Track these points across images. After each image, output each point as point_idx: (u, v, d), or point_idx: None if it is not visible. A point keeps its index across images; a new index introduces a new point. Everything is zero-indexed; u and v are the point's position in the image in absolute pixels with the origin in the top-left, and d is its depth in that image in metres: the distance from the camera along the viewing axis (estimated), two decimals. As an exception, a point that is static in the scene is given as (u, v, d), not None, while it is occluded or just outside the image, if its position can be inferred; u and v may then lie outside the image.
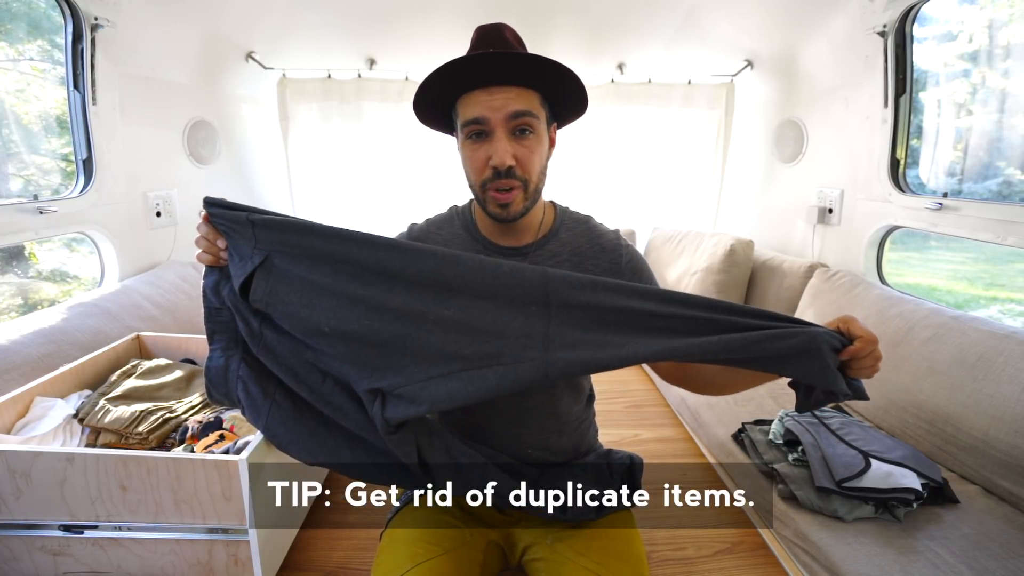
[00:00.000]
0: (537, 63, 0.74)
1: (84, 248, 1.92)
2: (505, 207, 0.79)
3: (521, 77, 0.76)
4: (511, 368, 0.67)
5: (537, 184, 0.80)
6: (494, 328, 0.68)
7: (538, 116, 0.78)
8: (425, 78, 0.77)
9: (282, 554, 1.10)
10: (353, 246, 0.69)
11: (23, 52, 1.73)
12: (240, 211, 0.71)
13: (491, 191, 0.78)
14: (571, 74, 0.77)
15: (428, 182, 2.68)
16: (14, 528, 0.95)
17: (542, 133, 0.79)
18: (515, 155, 0.76)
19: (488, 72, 0.75)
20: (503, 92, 0.75)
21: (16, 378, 1.21)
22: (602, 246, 0.88)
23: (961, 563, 0.97)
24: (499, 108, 0.75)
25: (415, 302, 0.69)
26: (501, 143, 0.75)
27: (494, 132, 0.76)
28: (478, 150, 0.78)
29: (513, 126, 0.76)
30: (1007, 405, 1.18)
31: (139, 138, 1.91)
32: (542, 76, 0.77)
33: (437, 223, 0.92)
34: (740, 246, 2.26)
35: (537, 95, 0.79)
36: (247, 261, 0.70)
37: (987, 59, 1.72)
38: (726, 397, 1.68)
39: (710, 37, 2.33)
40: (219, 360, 0.76)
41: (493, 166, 0.76)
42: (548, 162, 0.84)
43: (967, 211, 1.55)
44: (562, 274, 0.68)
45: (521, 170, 0.77)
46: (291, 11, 2.11)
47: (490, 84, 0.76)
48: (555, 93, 0.80)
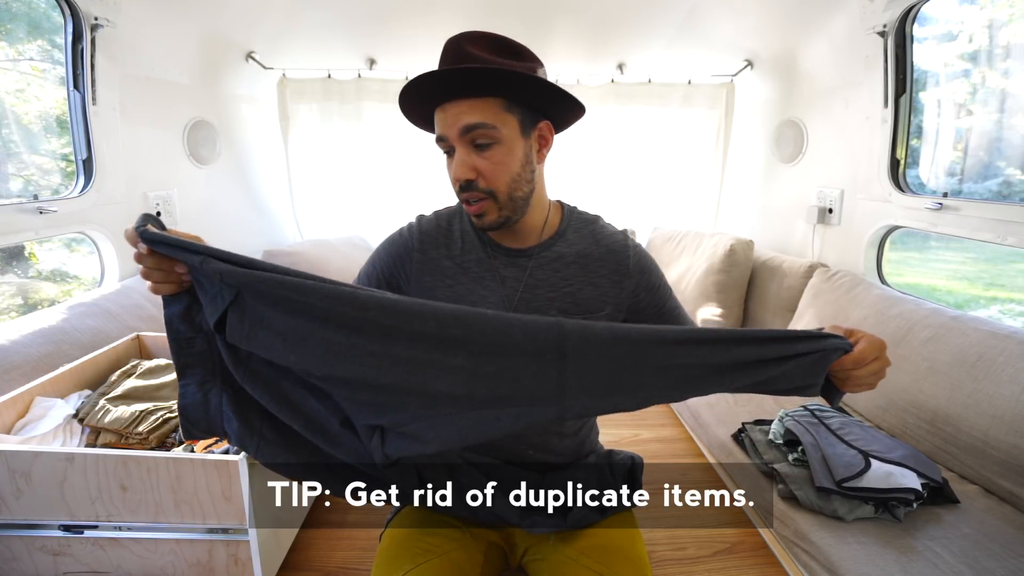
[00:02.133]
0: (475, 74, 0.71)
1: (84, 248, 1.92)
2: (480, 217, 0.79)
3: (473, 88, 0.74)
4: (525, 410, 0.63)
5: (511, 192, 0.78)
6: (507, 375, 0.63)
7: (496, 125, 0.74)
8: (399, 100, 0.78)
9: (282, 554, 1.10)
10: (335, 303, 0.61)
11: (23, 52, 1.73)
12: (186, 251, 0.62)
13: (464, 204, 0.79)
14: (530, 76, 0.73)
15: (428, 182, 2.68)
16: (14, 528, 0.95)
17: (508, 140, 0.76)
18: (476, 167, 0.75)
19: (436, 89, 0.74)
20: (454, 107, 0.74)
21: (16, 378, 1.21)
22: (609, 247, 0.86)
23: (961, 563, 0.97)
24: (452, 124, 0.74)
25: (418, 351, 0.62)
26: (459, 158, 0.75)
27: (455, 147, 0.76)
28: (450, 165, 0.79)
29: (468, 139, 0.75)
30: (1007, 405, 1.18)
31: (139, 138, 1.91)
32: (497, 82, 0.73)
33: (446, 216, 0.91)
34: (740, 246, 2.26)
35: (500, 101, 0.75)
36: (217, 298, 0.62)
37: (987, 59, 1.72)
38: (726, 397, 1.68)
39: (710, 37, 2.33)
40: (195, 396, 0.68)
41: (455, 179, 0.77)
42: (537, 165, 0.81)
43: (967, 211, 1.55)
44: (578, 326, 0.63)
45: (485, 182, 0.76)
46: (291, 11, 2.10)
47: (443, 101, 0.75)
48: (525, 94, 0.76)
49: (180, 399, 0.68)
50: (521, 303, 0.83)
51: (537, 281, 0.84)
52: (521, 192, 0.79)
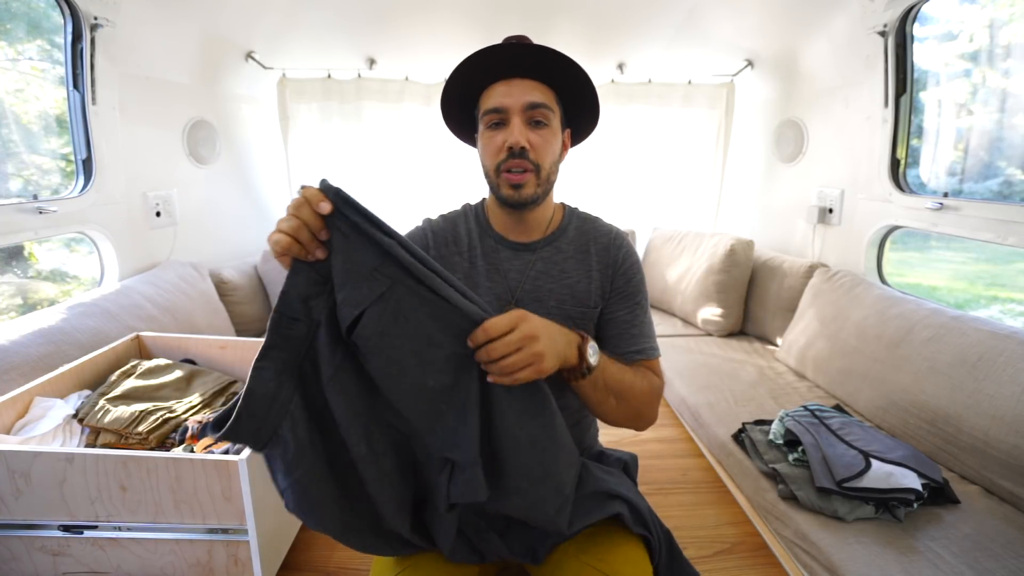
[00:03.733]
0: (557, 59, 0.79)
1: (84, 248, 1.92)
2: (518, 188, 0.82)
3: (540, 72, 0.81)
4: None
5: (549, 173, 0.84)
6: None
7: (553, 110, 0.82)
8: (453, 70, 0.83)
9: (282, 554, 1.10)
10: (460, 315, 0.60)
11: (23, 52, 1.73)
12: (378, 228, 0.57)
13: (504, 172, 0.82)
14: (586, 76, 0.81)
15: (428, 182, 2.68)
16: (14, 528, 0.95)
17: (556, 128, 0.84)
18: (530, 141, 0.80)
19: (509, 64, 0.80)
20: (521, 83, 0.81)
21: (16, 378, 1.21)
22: (605, 245, 0.92)
23: (962, 563, 0.97)
24: (517, 97, 0.80)
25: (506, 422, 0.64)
26: (517, 127, 0.80)
27: (511, 119, 0.80)
28: (495, 136, 0.82)
29: (529, 116, 0.80)
30: (1008, 405, 1.18)
31: (139, 138, 1.91)
32: (559, 76, 0.82)
33: (452, 219, 0.96)
34: (740, 246, 2.26)
35: (553, 93, 0.83)
36: (361, 285, 0.57)
37: (987, 59, 1.72)
38: (726, 397, 1.68)
39: (710, 37, 2.33)
40: (268, 384, 0.57)
41: (509, 146, 0.80)
42: (560, 163, 0.88)
43: (968, 211, 1.55)
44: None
45: (535, 155, 0.81)
46: (291, 11, 2.10)
47: (510, 76, 0.81)
48: (570, 96, 0.85)
49: (250, 382, 0.56)
50: (523, 294, 0.88)
51: (539, 273, 0.89)
52: (554, 176, 0.86)
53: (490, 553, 0.77)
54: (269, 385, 0.57)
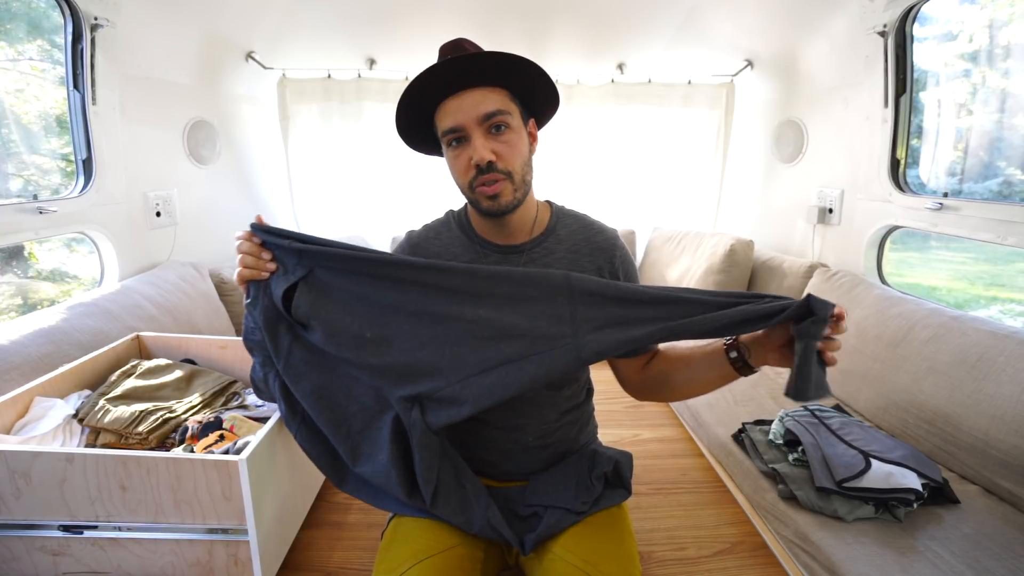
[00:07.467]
0: (496, 60, 0.77)
1: (84, 248, 1.92)
2: (495, 198, 0.81)
3: (485, 78, 0.79)
4: (546, 356, 0.72)
5: (523, 175, 0.83)
6: (526, 321, 0.74)
7: (510, 111, 0.81)
8: (399, 99, 0.81)
9: (282, 554, 1.10)
10: (389, 268, 0.78)
11: (23, 52, 1.73)
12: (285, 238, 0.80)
13: (478, 187, 0.81)
14: (529, 63, 0.79)
15: (428, 182, 2.68)
16: (13, 528, 0.95)
17: (518, 126, 0.83)
18: (494, 151, 0.79)
19: (452, 78, 0.78)
20: (471, 95, 0.79)
21: (16, 378, 1.21)
22: (598, 244, 0.91)
23: (962, 563, 0.97)
24: (469, 111, 0.78)
25: (452, 305, 0.76)
26: (478, 142, 0.78)
27: (471, 135, 0.79)
28: (460, 155, 0.81)
29: (487, 126, 0.80)
30: (1007, 405, 1.18)
31: (139, 138, 1.91)
32: (505, 74, 0.80)
33: (435, 228, 0.96)
34: (740, 246, 2.26)
35: (505, 92, 0.82)
36: (290, 274, 0.79)
37: (987, 59, 1.72)
38: (726, 397, 1.68)
39: (710, 37, 2.33)
40: (259, 372, 0.87)
41: (475, 164, 0.79)
42: (532, 156, 0.87)
43: (967, 211, 1.55)
44: (580, 275, 0.77)
45: (503, 164, 0.80)
46: (291, 11, 2.10)
47: (458, 90, 0.79)
48: (523, 88, 0.84)
49: (252, 370, 0.89)
50: None
51: None
52: (529, 176, 0.85)
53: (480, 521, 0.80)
54: (259, 373, 0.87)
